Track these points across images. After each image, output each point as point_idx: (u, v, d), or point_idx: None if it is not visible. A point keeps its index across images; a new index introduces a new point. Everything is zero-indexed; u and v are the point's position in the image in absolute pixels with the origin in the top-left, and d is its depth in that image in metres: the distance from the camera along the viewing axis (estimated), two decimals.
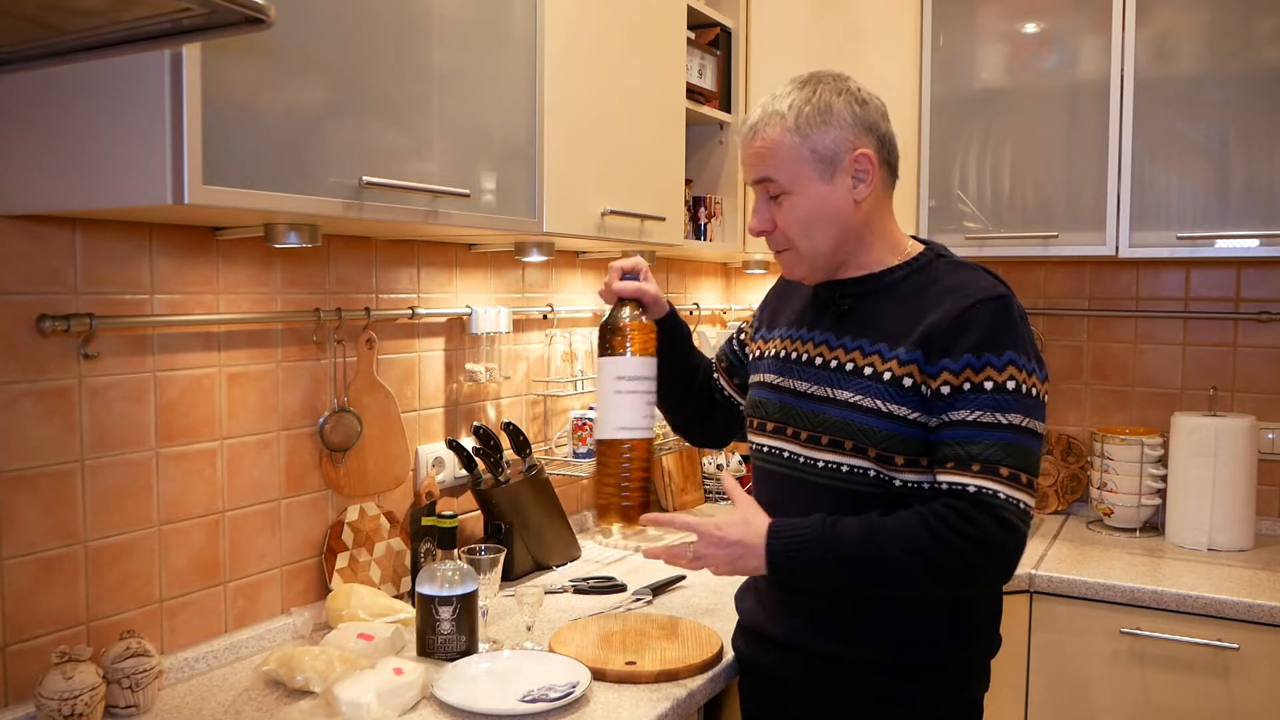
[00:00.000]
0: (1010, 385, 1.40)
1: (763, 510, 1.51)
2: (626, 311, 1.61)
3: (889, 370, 1.46)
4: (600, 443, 1.58)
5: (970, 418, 1.40)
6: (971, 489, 1.38)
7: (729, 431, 1.83)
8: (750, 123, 1.52)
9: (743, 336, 1.79)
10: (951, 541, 1.37)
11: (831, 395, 1.50)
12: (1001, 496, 1.38)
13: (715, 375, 1.82)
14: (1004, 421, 1.39)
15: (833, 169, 1.49)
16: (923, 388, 1.43)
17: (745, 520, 1.49)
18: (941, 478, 1.41)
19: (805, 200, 1.49)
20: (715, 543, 1.47)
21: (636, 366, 1.57)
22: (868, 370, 1.47)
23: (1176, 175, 2.49)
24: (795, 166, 1.48)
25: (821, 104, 1.48)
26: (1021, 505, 1.39)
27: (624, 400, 1.55)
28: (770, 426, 1.58)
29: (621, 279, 1.64)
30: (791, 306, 1.66)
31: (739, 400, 1.78)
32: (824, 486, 1.50)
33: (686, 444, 2.30)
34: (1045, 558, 2.45)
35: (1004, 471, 1.38)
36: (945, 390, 1.42)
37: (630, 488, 1.55)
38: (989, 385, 1.40)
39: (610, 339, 1.58)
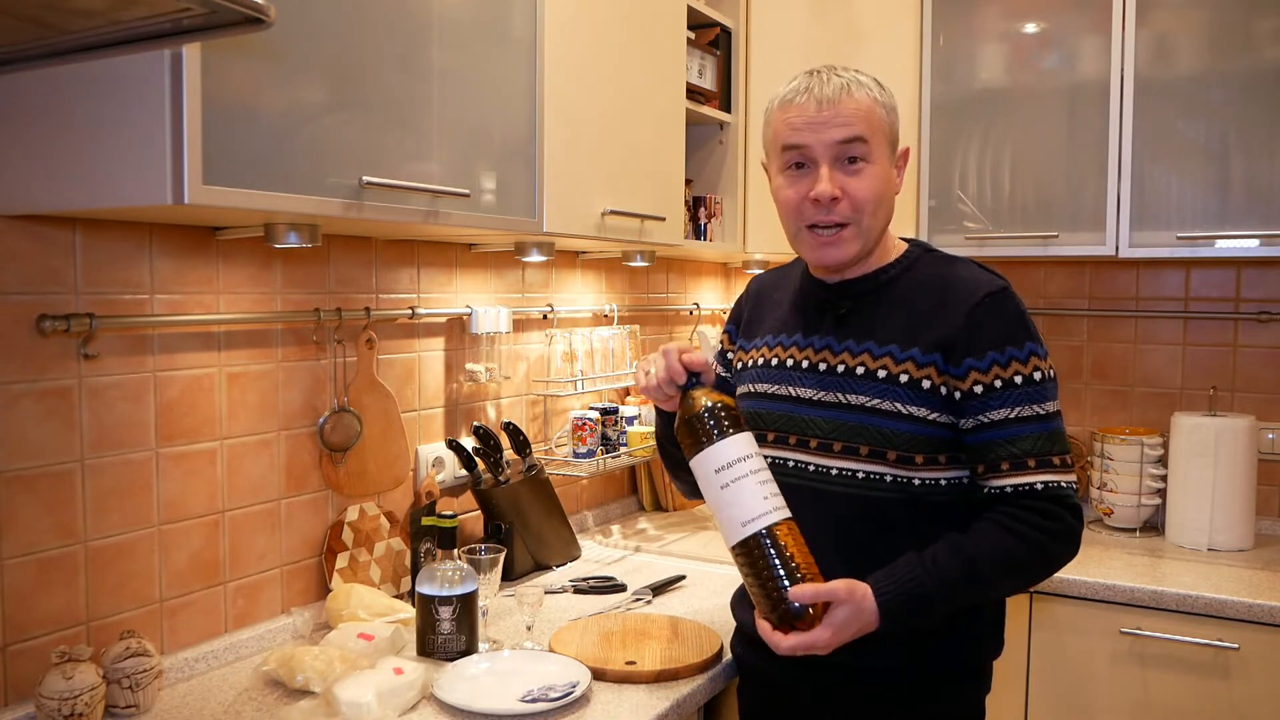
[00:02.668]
0: (1037, 376, 1.44)
1: (853, 580, 1.36)
2: (698, 393, 1.40)
3: (905, 372, 1.45)
4: (735, 551, 1.35)
5: (1012, 415, 1.42)
6: (1040, 486, 1.42)
7: None
8: (834, 86, 1.46)
9: (730, 357, 1.73)
10: (1040, 542, 1.41)
11: (843, 400, 1.49)
12: (1064, 486, 1.43)
13: None
14: (1042, 412, 1.43)
15: (893, 154, 1.52)
16: (944, 389, 1.44)
17: (857, 613, 1.34)
18: (999, 481, 1.43)
19: (882, 173, 1.49)
20: (831, 644, 1.34)
21: (733, 447, 1.35)
22: (881, 373, 1.47)
23: (1176, 175, 2.49)
24: (880, 138, 1.49)
25: (889, 94, 1.52)
26: (1075, 487, 1.45)
27: (733, 493, 1.33)
28: (771, 437, 1.55)
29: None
30: (773, 314, 1.64)
31: None
32: (838, 494, 1.48)
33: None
34: None
35: (1056, 461, 1.43)
36: (978, 390, 1.43)
37: (784, 581, 1.31)
38: (1019, 380, 1.43)
39: (690, 434, 1.37)
